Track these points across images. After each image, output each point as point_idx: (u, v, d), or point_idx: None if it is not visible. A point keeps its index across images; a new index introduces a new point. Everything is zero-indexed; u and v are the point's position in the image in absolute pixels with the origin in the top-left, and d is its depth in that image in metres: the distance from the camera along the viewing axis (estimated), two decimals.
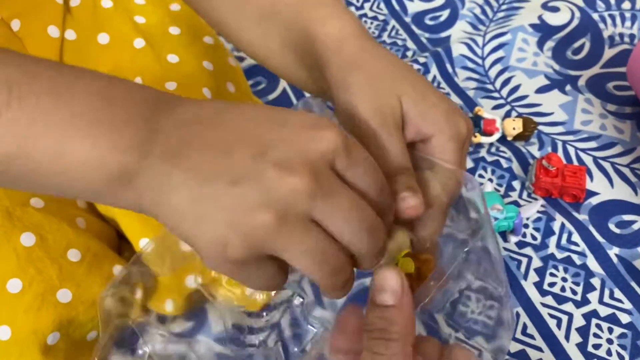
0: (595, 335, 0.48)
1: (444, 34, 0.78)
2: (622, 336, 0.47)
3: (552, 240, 0.54)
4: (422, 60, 0.73)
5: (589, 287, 0.51)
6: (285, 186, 0.23)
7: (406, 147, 0.32)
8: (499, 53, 0.74)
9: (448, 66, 0.73)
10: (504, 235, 0.54)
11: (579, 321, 0.49)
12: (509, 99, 0.68)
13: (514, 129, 0.62)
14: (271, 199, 0.23)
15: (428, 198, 0.31)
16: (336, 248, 0.25)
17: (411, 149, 0.33)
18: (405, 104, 0.32)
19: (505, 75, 0.71)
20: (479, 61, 0.73)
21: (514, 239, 0.54)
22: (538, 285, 0.51)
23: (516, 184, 0.59)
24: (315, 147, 0.24)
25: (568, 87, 0.68)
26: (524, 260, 0.53)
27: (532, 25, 0.76)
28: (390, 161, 0.31)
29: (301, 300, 0.41)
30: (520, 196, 0.58)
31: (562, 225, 0.55)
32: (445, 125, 0.32)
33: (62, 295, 0.39)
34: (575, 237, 0.54)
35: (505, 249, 0.54)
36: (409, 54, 0.76)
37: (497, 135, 0.63)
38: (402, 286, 0.27)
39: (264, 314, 0.41)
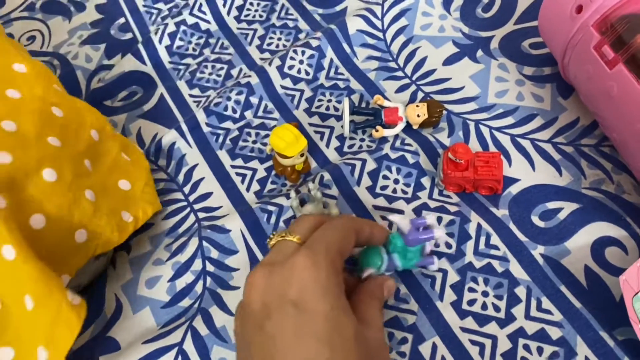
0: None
1: (338, 7, 0.68)
2: (553, 356, 0.40)
3: (469, 246, 0.46)
4: (315, 43, 0.63)
5: (513, 300, 0.43)
6: None
7: None
8: (402, 22, 0.64)
9: (345, 46, 0.63)
10: None
11: (504, 344, 0.41)
12: (414, 77, 0.59)
13: (418, 115, 0.53)
14: None
15: None
16: None
17: None
18: None
19: (410, 47, 0.62)
20: (380, 35, 0.64)
21: (433, 267, 0.45)
22: (456, 306, 0.44)
23: (426, 181, 0.51)
24: None
25: (479, 53, 0.60)
26: (439, 276, 0.45)
27: None
28: None
29: None
30: (430, 196, 0.50)
31: (479, 227, 0.47)
32: None
33: None
34: (495, 240, 0.46)
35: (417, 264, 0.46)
36: (302, 36, 0.67)
37: (401, 125, 0.54)
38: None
39: None
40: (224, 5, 0.71)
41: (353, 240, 0.39)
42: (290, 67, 0.62)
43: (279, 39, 0.67)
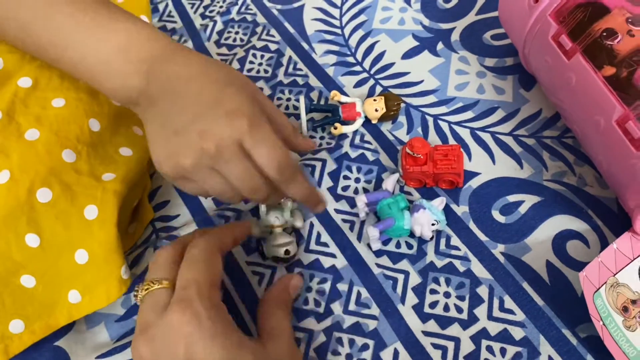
0: None
1: (296, 4, 0.66)
2: (516, 357, 0.39)
3: (430, 246, 0.45)
4: (273, 47, 0.61)
5: (475, 300, 0.42)
6: (199, 146, 0.34)
7: None
8: (361, 18, 0.63)
9: (304, 44, 0.61)
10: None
11: (467, 346, 0.40)
12: (372, 71, 0.58)
13: (376, 110, 0.52)
14: (192, 151, 0.34)
15: None
16: (235, 191, 0.37)
17: None
18: None
19: (368, 41, 0.60)
20: (338, 31, 0.62)
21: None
22: (418, 309, 0.42)
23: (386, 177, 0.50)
24: (227, 130, 0.34)
25: (440, 46, 0.58)
26: (401, 277, 0.44)
27: None
28: None
29: None
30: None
31: None
32: None
33: None
34: (455, 241, 0.45)
35: (379, 265, 0.45)
36: (259, 29, 0.65)
37: (360, 121, 0.53)
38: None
39: None
40: (192, 7, 0.69)
41: (220, 262, 0.38)
42: (249, 70, 0.60)
43: (237, 32, 0.65)
